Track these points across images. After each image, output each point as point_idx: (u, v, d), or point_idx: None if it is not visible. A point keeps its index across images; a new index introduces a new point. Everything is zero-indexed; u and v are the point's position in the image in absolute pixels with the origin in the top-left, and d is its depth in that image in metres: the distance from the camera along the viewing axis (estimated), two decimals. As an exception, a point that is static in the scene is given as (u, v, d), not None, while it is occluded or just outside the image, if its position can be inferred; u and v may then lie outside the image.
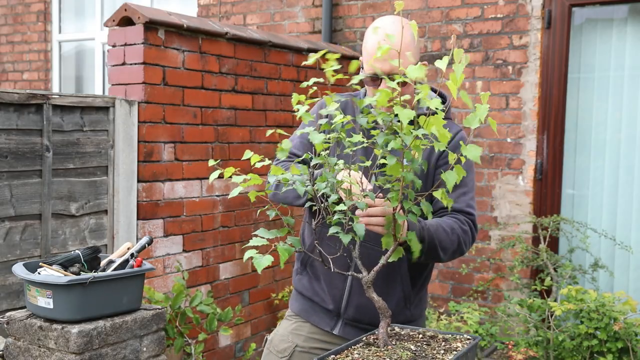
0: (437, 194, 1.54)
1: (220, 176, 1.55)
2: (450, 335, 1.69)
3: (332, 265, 1.67)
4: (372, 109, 1.74)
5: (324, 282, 2.08)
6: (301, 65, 4.37)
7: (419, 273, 2.07)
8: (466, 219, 1.95)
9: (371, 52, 1.91)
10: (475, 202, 2.05)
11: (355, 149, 1.59)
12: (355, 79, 1.57)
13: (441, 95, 2.01)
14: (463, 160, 1.48)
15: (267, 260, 1.44)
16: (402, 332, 1.72)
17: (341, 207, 1.53)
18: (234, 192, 1.54)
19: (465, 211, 1.96)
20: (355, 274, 1.66)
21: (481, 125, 1.42)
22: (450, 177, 1.47)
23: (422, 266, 2.05)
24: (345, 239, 1.54)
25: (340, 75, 1.55)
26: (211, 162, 1.57)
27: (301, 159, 1.81)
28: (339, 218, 1.56)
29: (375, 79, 1.92)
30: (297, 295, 2.21)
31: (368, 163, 1.63)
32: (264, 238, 1.51)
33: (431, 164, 1.98)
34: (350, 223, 1.57)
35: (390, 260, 1.63)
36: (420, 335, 1.69)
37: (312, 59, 1.59)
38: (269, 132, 1.69)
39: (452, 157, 1.49)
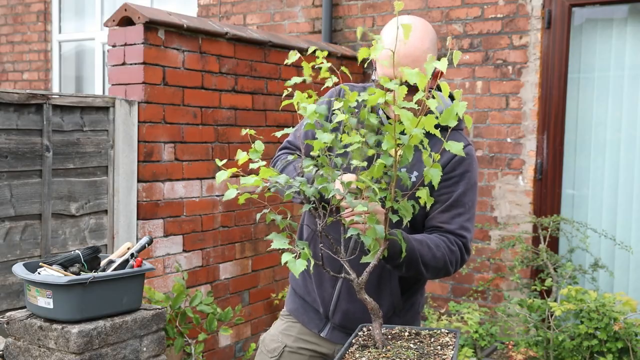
0: (421, 194, 1.51)
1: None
2: (430, 331, 1.70)
3: (329, 269, 1.67)
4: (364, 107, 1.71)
5: (314, 283, 2.08)
6: (301, 65, 4.36)
7: (411, 284, 2.03)
8: (456, 240, 1.87)
9: (384, 57, 1.76)
10: (473, 223, 1.94)
11: (351, 149, 1.57)
12: (329, 82, 1.56)
13: (452, 99, 1.98)
14: (437, 157, 1.44)
15: (301, 264, 1.43)
16: (383, 331, 1.71)
17: (360, 208, 1.52)
18: (230, 194, 1.53)
19: (457, 233, 1.88)
20: (347, 276, 1.63)
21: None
22: (434, 174, 1.45)
23: (414, 278, 2.00)
24: (367, 240, 1.54)
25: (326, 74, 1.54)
26: (219, 162, 1.56)
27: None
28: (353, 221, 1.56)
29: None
30: (292, 293, 2.21)
31: (364, 163, 1.60)
32: (284, 243, 1.48)
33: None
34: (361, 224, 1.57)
35: (369, 259, 1.61)
36: (406, 333, 1.69)
37: (292, 58, 1.58)
38: (244, 131, 1.65)
39: (426, 155, 1.44)
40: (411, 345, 1.59)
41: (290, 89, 1.61)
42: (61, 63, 6.62)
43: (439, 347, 1.57)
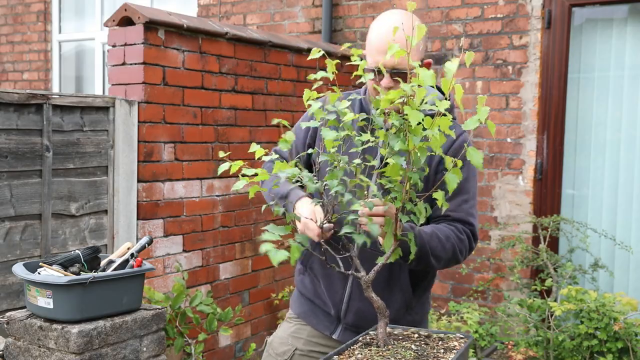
0: (438, 196, 1.51)
1: (224, 175, 1.55)
2: (444, 335, 1.69)
3: (336, 265, 1.67)
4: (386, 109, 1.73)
5: (323, 285, 2.06)
6: (301, 65, 4.37)
7: (421, 279, 2.04)
8: (464, 229, 1.89)
9: (375, 45, 1.84)
10: (477, 210, 1.96)
11: (362, 147, 1.57)
12: (365, 77, 1.55)
13: (443, 93, 2.00)
14: (460, 163, 1.45)
15: (282, 254, 1.42)
16: (396, 332, 1.71)
17: (357, 206, 1.52)
18: (239, 185, 1.53)
19: (465, 220, 1.90)
20: (355, 273, 1.64)
21: (481, 125, 1.41)
22: (452, 179, 1.45)
23: (423, 272, 2.02)
24: (360, 238, 1.53)
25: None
26: (221, 154, 1.56)
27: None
28: (353, 218, 1.56)
29: (377, 74, 1.84)
30: (298, 296, 2.18)
31: (375, 162, 1.60)
32: (275, 234, 1.47)
33: (432, 167, 1.90)
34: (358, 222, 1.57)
35: (389, 260, 1.62)
36: (416, 335, 1.69)
37: (314, 54, 1.58)
38: (275, 120, 1.69)
39: (449, 161, 1.44)
40: (413, 346, 1.59)
41: (316, 79, 1.61)
42: (61, 63, 6.62)
43: (442, 351, 1.56)
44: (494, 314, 4.29)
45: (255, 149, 1.55)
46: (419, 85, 1.43)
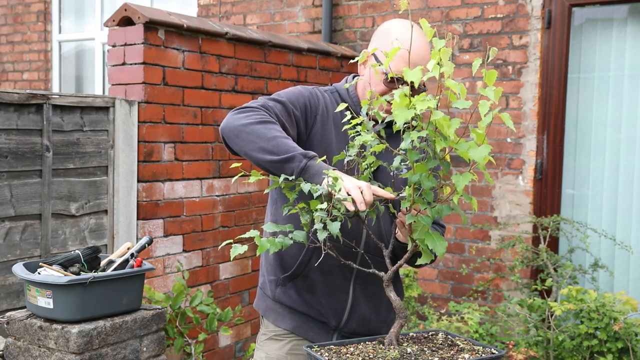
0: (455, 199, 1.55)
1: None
2: (472, 346, 1.60)
3: (347, 263, 1.70)
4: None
5: (321, 295, 1.98)
6: (301, 65, 4.37)
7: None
8: (443, 231, 2.02)
9: (413, 58, 1.73)
10: None
11: (371, 151, 1.63)
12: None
13: None
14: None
15: (242, 249, 1.54)
16: (427, 336, 1.68)
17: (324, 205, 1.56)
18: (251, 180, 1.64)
19: (441, 224, 2.02)
20: (375, 271, 1.67)
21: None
22: (461, 180, 1.46)
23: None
24: (335, 228, 1.54)
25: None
26: (234, 165, 1.63)
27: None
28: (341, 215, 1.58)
29: (396, 82, 1.82)
30: (284, 311, 2.05)
31: (391, 166, 1.65)
32: (246, 234, 1.57)
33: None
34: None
35: (421, 262, 1.62)
36: (440, 342, 1.63)
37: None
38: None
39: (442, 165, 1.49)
40: (409, 349, 1.56)
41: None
42: (61, 63, 6.61)
43: (437, 359, 1.50)
44: (494, 314, 4.29)
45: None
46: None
